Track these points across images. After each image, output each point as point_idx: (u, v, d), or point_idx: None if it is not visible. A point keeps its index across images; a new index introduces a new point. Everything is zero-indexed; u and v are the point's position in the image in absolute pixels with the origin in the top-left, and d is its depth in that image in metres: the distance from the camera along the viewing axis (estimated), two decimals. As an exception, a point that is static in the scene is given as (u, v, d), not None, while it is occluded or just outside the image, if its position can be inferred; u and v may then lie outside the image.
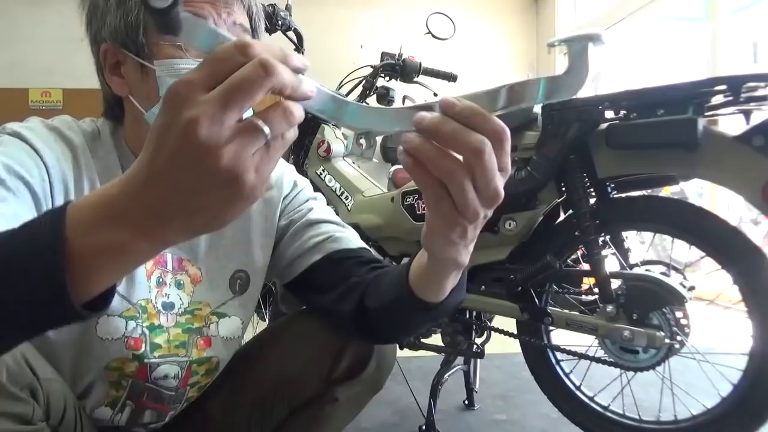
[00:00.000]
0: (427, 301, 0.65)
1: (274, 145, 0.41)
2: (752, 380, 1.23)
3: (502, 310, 1.49)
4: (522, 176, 1.40)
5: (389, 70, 2.04)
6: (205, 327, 0.90)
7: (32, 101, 5.86)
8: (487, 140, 0.44)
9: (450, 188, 0.45)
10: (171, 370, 0.87)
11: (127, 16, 0.75)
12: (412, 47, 2.16)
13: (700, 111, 1.18)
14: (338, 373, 0.91)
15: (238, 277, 0.93)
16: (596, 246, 1.35)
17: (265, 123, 0.39)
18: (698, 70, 4.58)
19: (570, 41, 0.46)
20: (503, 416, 1.80)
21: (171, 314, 0.87)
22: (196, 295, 0.89)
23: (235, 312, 0.93)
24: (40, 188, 0.71)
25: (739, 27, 4.87)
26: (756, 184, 1.13)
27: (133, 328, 0.82)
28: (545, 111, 1.39)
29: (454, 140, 0.44)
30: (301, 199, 0.97)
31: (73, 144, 0.79)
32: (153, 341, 0.84)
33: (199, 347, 0.89)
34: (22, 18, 5.80)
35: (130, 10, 0.75)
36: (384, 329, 0.80)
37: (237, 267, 0.92)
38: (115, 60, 0.79)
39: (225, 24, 0.75)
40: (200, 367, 0.90)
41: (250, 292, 0.94)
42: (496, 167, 0.45)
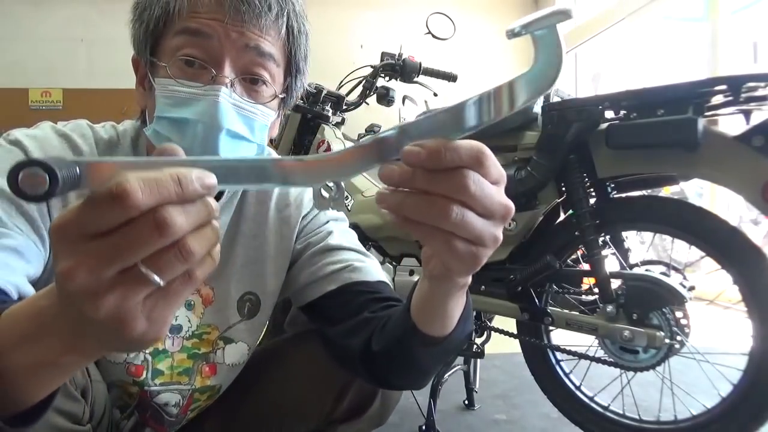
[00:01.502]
0: (432, 335, 0.61)
1: (174, 288, 0.36)
2: (752, 380, 1.23)
3: (502, 310, 1.49)
4: (522, 176, 1.40)
5: (389, 70, 2.04)
6: (212, 353, 0.85)
7: (32, 101, 5.86)
8: (467, 172, 0.40)
9: (454, 229, 0.41)
10: (172, 398, 0.83)
11: (141, 27, 0.73)
12: (412, 47, 2.16)
13: (700, 111, 1.18)
14: (340, 411, 0.87)
15: (247, 300, 0.87)
16: (596, 246, 1.35)
17: (154, 272, 0.34)
18: (698, 70, 4.58)
19: (532, 25, 0.38)
20: (503, 416, 1.80)
21: (177, 338, 0.82)
22: (205, 318, 0.84)
23: (242, 337, 0.87)
24: (34, 208, 0.68)
25: (739, 27, 4.87)
26: (756, 184, 1.13)
27: (135, 355, 0.79)
28: (545, 111, 1.39)
29: (435, 188, 0.40)
30: (321, 221, 0.90)
31: (81, 153, 0.75)
32: (155, 367, 0.80)
33: (203, 375, 0.85)
34: (22, 18, 5.80)
35: (143, 22, 0.72)
36: (389, 373, 0.74)
37: (247, 289, 0.86)
38: (142, 71, 0.77)
39: (234, 47, 0.69)
40: (203, 395, 0.86)
41: (259, 318, 0.88)
42: (488, 189, 0.41)
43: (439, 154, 0.39)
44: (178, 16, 0.69)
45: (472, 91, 0.44)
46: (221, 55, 0.69)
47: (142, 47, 0.73)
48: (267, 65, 0.72)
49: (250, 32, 0.69)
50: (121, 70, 5.66)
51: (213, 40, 0.69)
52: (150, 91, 0.73)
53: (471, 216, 0.41)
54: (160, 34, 0.72)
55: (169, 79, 0.70)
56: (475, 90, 0.43)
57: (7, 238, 0.63)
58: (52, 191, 0.32)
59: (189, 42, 0.69)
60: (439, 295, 0.57)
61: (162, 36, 0.72)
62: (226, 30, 0.68)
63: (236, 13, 0.68)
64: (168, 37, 0.71)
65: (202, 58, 0.69)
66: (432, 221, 0.41)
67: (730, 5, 3.98)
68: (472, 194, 0.40)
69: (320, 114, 1.99)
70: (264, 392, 0.91)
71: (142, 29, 0.72)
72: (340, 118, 2.11)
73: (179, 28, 0.69)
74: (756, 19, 5.80)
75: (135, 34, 0.74)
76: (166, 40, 0.71)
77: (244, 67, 0.70)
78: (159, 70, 0.71)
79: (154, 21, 0.71)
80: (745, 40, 6.54)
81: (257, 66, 0.71)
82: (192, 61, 0.69)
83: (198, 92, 0.69)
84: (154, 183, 0.33)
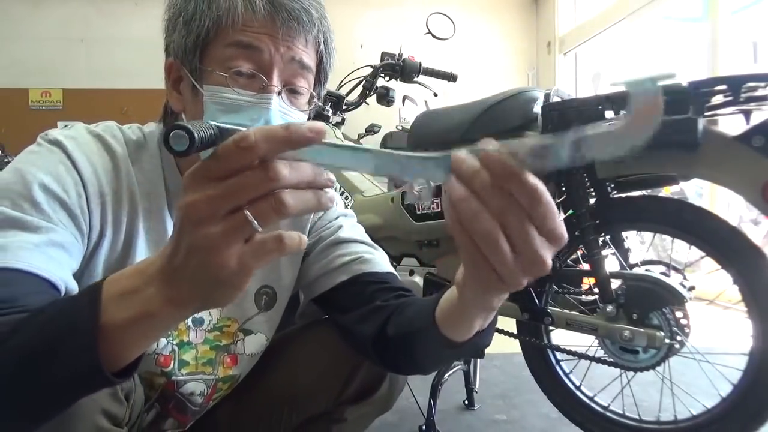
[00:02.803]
0: (451, 339, 0.63)
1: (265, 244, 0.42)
2: (752, 380, 1.23)
3: (502, 310, 1.49)
4: (522, 176, 1.40)
5: (389, 70, 2.04)
6: (233, 344, 0.89)
7: (32, 101, 5.86)
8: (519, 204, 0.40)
9: (486, 252, 0.42)
10: (197, 387, 0.87)
11: (189, 36, 0.74)
12: (412, 47, 2.16)
13: (700, 111, 1.18)
14: (349, 393, 0.90)
15: (264, 293, 0.91)
16: (596, 246, 1.35)
17: (254, 218, 0.41)
18: (698, 70, 4.58)
19: (637, 84, 0.37)
20: (503, 416, 1.80)
21: (200, 330, 0.87)
22: (225, 311, 0.88)
23: (260, 328, 0.91)
24: (76, 205, 0.71)
25: (739, 27, 4.87)
26: (756, 184, 1.13)
27: (164, 345, 0.83)
28: (545, 111, 1.38)
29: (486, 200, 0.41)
30: (331, 216, 0.94)
31: (115, 153, 0.78)
32: (181, 358, 0.84)
33: (225, 365, 0.89)
34: (22, 18, 5.80)
35: (192, 32, 0.74)
36: (403, 358, 0.77)
37: (263, 282, 0.91)
38: (177, 75, 0.79)
39: (282, 60, 0.73)
40: (225, 384, 0.91)
41: (276, 309, 0.92)
42: (533, 231, 0.41)
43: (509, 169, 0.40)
44: (231, 29, 0.73)
45: (472, 91, 0.43)
46: (271, 67, 0.73)
47: (188, 55, 0.75)
48: (306, 76, 0.77)
49: (296, 47, 0.74)
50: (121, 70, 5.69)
51: (264, 54, 0.73)
52: (194, 97, 0.75)
53: (505, 248, 0.42)
54: (208, 43, 0.74)
55: (223, 87, 0.72)
56: (475, 90, 0.43)
57: (54, 233, 0.66)
58: (191, 148, 0.41)
59: (241, 54, 0.73)
60: (466, 316, 0.60)
61: (210, 45, 0.74)
62: (276, 44, 0.73)
63: (287, 30, 0.73)
64: (217, 47, 0.74)
65: (253, 68, 0.73)
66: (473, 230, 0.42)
67: (730, 5, 3.98)
68: (515, 222, 0.41)
69: (320, 114, 1.99)
70: (274, 377, 0.94)
71: (191, 39, 0.74)
72: (340, 118, 2.11)
73: (231, 40, 0.73)
74: (756, 19, 5.80)
75: (179, 42, 0.75)
76: (214, 50, 0.74)
77: (288, 78, 0.75)
78: (208, 77, 0.74)
79: (205, 31, 0.73)
80: (745, 40, 6.54)
81: (299, 77, 0.76)
82: (241, 71, 0.73)
83: (252, 100, 0.73)
84: (269, 131, 0.40)
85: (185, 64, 0.76)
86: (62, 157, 0.72)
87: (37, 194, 0.67)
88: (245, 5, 0.72)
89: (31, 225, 0.64)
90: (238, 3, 0.72)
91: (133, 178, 0.78)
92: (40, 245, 0.63)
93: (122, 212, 0.77)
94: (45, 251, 0.63)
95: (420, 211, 1.57)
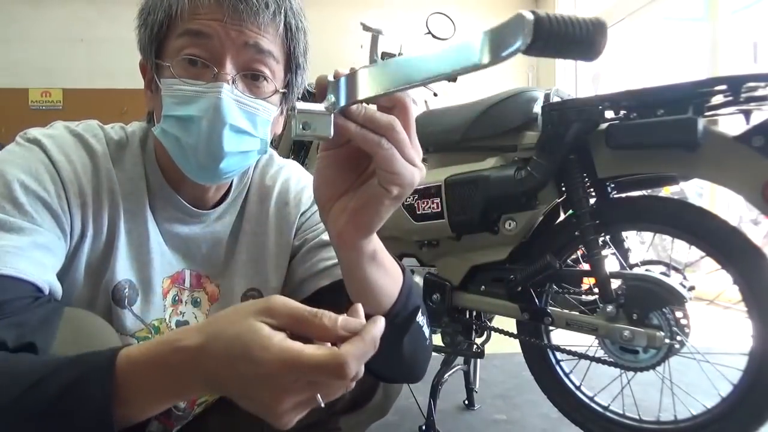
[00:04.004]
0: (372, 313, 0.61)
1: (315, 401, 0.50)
2: (752, 380, 1.23)
3: (502, 310, 1.49)
4: (522, 176, 1.39)
5: (389, 70, 2.04)
6: None
7: (32, 101, 5.86)
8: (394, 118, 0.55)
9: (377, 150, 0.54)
10: None
11: (146, 31, 0.75)
12: (412, 47, 2.16)
13: (700, 111, 1.18)
14: (342, 403, 0.87)
15: (250, 296, 0.88)
16: (596, 246, 1.35)
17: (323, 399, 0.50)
18: (698, 70, 4.58)
19: None
20: (503, 416, 1.80)
21: None
22: (211, 314, 0.86)
23: None
24: (57, 204, 0.70)
25: (739, 27, 4.87)
26: (756, 184, 1.13)
27: None
28: (545, 111, 1.38)
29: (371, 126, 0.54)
30: (317, 218, 0.90)
31: (95, 153, 0.77)
32: None
33: None
34: (22, 18, 5.80)
35: (148, 26, 0.74)
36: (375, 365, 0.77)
37: (250, 285, 0.88)
38: (149, 74, 0.78)
39: (234, 45, 0.71)
40: None
41: None
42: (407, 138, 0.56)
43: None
44: (180, 19, 0.72)
45: (471, 91, 0.44)
46: (222, 54, 0.71)
47: (147, 51, 0.75)
48: (266, 61, 0.74)
49: (249, 30, 0.71)
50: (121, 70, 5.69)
51: (213, 40, 0.71)
52: (157, 93, 0.75)
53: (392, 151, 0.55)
54: (164, 36, 0.74)
55: (174, 78, 0.72)
56: (474, 90, 0.43)
57: (38, 234, 0.66)
58: None
59: (191, 42, 0.71)
60: (354, 266, 0.65)
61: (166, 39, 0.74)
62: (226, 29, 0.71)
63: (234, 12, 0.70)
64: (171, 39, 0.73)
65: (203, 57, 0.71)
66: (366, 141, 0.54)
67: (730, 5, 3.98)
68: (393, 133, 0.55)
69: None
70: None
71: (147, 33, 0.74)
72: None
73: (181, 30, 0.72)
74: (756, 19, 5.80)
75: (141, 39, 0.76)
76: (169, 42, 0.74)
77: (244, 64, 0.73)
78: (164, 71, 0.73)
79: (158, 25, 0.73)
80: (745, 40, 6.54)
81: (257, 62, 0.73)
82: (195, 61, 0.71)
83: (201, 90, 0.71)
84: (362, 356, 0.48)
85: (148, 61, 0.76)
86: (41, 155, 0.72)
87: (19, 195, 0.67)
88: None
89: (14, 226, 0.64)
90: None
91: (114, 177, 0.77)
92: (24, 248, 0.63)
93: (103, 212, 0.76)
94: (29, 254, 0.63)
95: (420, 211, 1.57)
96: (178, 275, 0.84)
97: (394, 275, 0.69)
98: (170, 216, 0.82)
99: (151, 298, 0.81)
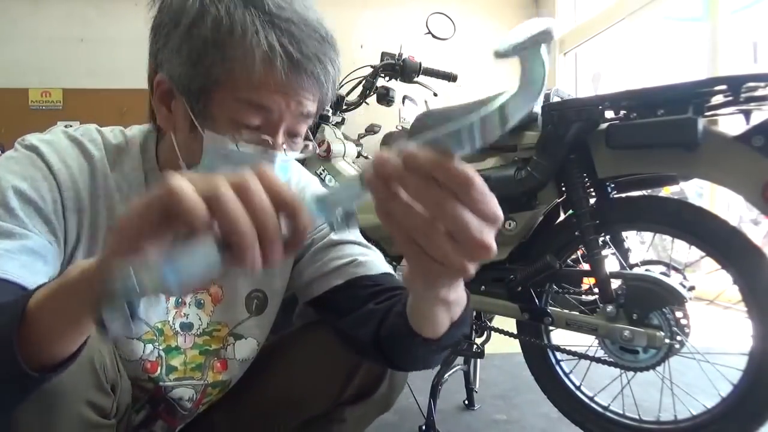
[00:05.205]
0: (425, 337, 0.63)
1: None
2: (752, 380, 1.23)
3: (502, 310, 1.49)
4: (522, 176, 1.39)
5: (389, 70, 2.04)
6: (222, 349, 0.88)
7: (32, 101, 5.86)
8: (450, 194, 0.39)
9: (424, 245, 0.41)
10: (186, 392, 0.86)
11: (194, 76, 0.69)
12: (412, 47, 2.16)
13: (700, 111, 1.18)
14: (348, 393, 0.89)
15: (254, 297, 0.90)
16: (596, 246, 1.35)
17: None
18: (698, 70, 4.58)
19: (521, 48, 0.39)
20: (503, 416, 1.80)
21: (189, 335, 0.86)
22: (215, 316, 0.88)
23: (251, 333, 0.90)
24: (51, 210, 0.70)
25: (739, 27, 4.86)
26: (756, 184, 1.13)
27: (150, 351, 0.82)
28: (545, 111, 1.38)
29: (415, 196, 0.40)
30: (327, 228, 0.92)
31: (92, 158, 0.76)
32: (169, 363, 0.84)
33: (215, 370, 0.88)
34: (22, 18, 5.79)
35: (198, 74, 0.68)
36: (395, 360, 0.77)
37: (254, 286, 0.90)
38: (169, 93, 0.73)
39: (291, 115, 0.70)
40: (215, 390, 0.90)
41: (267, 313, 0.91)
42: (468, 216, 0.39)
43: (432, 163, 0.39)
44: (243, 84, 0.67)
45: (471, 91, 0.44)
46: (278, 124, 0.71)
47: (190, 93, 0.70)
48: (308, 121, 0.75)
49: (305, 99, 0.71)
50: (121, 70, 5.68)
51: (274, 114, 0.70)
52: (191, 132, 0.72)
53: (441, 238, 0.40)
54: (216, 89, 0.69)
55: (223, 136, 0.70)
56: (475, 90, 0.43)
57: (28, 239, 0.66)
58: None
59: (250, 111, 0.69)
60: (425, 311, 0.61)
61: (217, 91, 0.69)
62: (288, 101, 0.69)
63: (300, 86, 0.69)
64: (225, 95, 0.69)
65: (259, 125, 0.70)
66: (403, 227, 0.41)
67: (730, 5, 3.98)
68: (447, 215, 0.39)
69: (320, 114, 1.99)
70: (272, 380, 0.93)
71: (197, 81, 0.69)
72: (340, 118, 2.11)
73: (243, 97, 0.68)
74: (756, 19, 5.80)
75: (181, 73, 0.70)
76: (221, 97, 0.69)
77: (291, 128, 0.73)
78: (210, 122, 0.70)
79: (213, 81, 0.68)
80: (745, 40, 6.54)
81: (302, 125, 0.74)
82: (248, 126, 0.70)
83: (254, 155, 0.71)
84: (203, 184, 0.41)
85: (184, 96, 0.71)
86: (38, 162, 0.71)
87: (11, 200, 0.67)
88: (264, 61, 0.66)
89: (4, 231, 0.64)
90: (256, 58, 0.66)
91: (112, 183, 0.77)
92: (12, 251, 0.63)
93: (99, 218, 0.75)
94: (18, 257, 0.63)
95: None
96: None
97: (454, 313, 0.62)
98: None
99: (154, 300, 0.80)
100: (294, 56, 0.66)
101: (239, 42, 0.66)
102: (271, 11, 0.67)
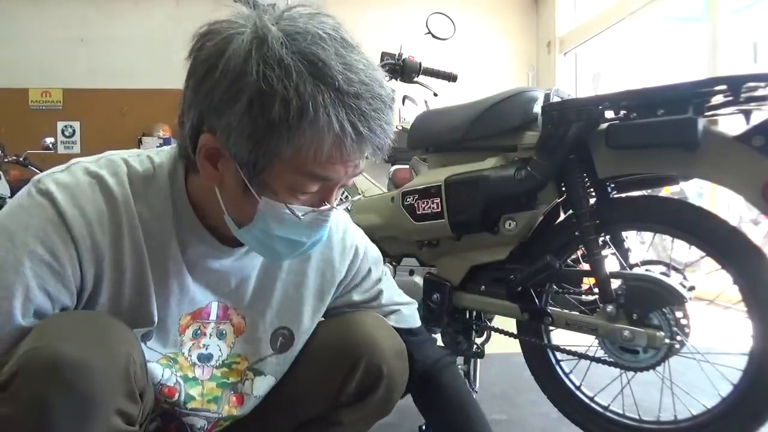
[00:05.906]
0: None
1: None
2: (752, 380, 1.23)
3: (502, 310, 1.49)
4: (522, 176, 1.39)
5: (389, 70, 2.04)
6: (240, 383, 0.87)
7: (32, 101, 5.86)
8: None
9: None
10: (199, 422, 0.86)
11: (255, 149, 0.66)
12: (412, 47, 2.16)
13: (700, 111, 1.18)
14: (346, 395, 0.90)
15: (280, 334, 0.89)
16: (596, 246, 1.34)
17: None
18: (698, 70, 4.58)
19: None
20: (503, 416, 1.80)
21: (207, 366, 0.85)
22: (236, 347, 0.87)
23: (272, 370, 0.90)
24: (68, 265, 0.70)
25: (739, 27, 4.86)
26: (756, 184, 1.13)
27: (168, 377, 0.81)
28: (545, 111, 1.38)
29: None
30: (373, 279, 0.98)
31: (113, 197, 0.73)
32: (188, 392, 0.83)
33: (230, 404, 0.87)
34: (22, 17, 5.80)
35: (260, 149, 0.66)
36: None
37: (282, 324, 0.89)
38: (217, 153, 0.70)
39: (348, 177, 0.73)
40: (226, 422, 0.89)
41: (291, 352, 0.91)
42: None
43: None
44: (311, 160, 0.67)
45: (472, 91, 0.43)
46: (334, 188, 0.74)
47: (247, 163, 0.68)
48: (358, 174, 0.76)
49: (360, 161, 0.72)
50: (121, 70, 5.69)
51: (334, 181, 0.72)
52: (243, 195, 0.71)
53: None
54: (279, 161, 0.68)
55: (280, 203, 0.70)
56: (475, 90, 0.43)
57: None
58: None
59: (312, 182, 0.70)
60: None
61: (279, 164, 0.68)
62: (347, 168, 0.71)
63: (363, 155, 0.70)
64: (286, 168, 0.68)
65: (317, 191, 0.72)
66: None
67: (730, 5, 3.98)
68: None
69: None
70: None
71: (257, 154, 0.66)
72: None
73: (307, 171, 0.68)
74: (756, 19, 5.80)
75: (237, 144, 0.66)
76: (282, 168, 0.68)
77: (344, 183, 0.75)
78: (266, 189, 0.70)
79: (277, 156, 0.66)
80: (745, 40, 6.54)
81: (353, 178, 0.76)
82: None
83: (309, 219, 0.73)
84: None
85: (240, 166, 0.68)
86: (51, 213, 0.69)
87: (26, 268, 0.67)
88: (336, 143, 0.65)
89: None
90: (325, 140, 0.65)
91: (135, 218, 0.74)
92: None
93: (124, 259, 0.74)
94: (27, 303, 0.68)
95: (420, 211, 1.57)
96: (202, 310, 0.83)
97: None
98: (202, 252, 0.80)
99: (168, 335, 0.81)
100: (362, 133, 0.66)
101: (309, 124, 0.64)
102: (341, 88, 0.64)
